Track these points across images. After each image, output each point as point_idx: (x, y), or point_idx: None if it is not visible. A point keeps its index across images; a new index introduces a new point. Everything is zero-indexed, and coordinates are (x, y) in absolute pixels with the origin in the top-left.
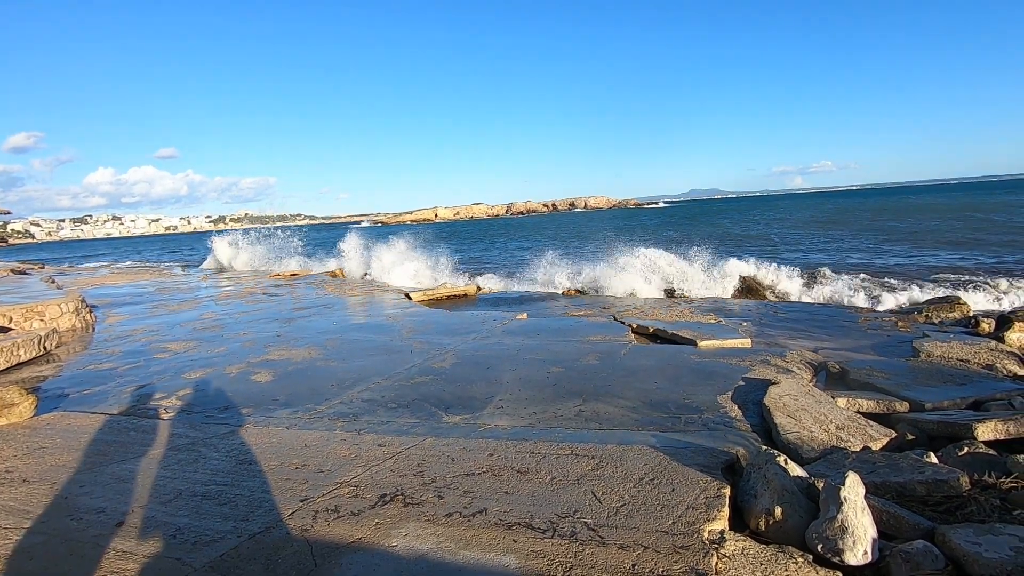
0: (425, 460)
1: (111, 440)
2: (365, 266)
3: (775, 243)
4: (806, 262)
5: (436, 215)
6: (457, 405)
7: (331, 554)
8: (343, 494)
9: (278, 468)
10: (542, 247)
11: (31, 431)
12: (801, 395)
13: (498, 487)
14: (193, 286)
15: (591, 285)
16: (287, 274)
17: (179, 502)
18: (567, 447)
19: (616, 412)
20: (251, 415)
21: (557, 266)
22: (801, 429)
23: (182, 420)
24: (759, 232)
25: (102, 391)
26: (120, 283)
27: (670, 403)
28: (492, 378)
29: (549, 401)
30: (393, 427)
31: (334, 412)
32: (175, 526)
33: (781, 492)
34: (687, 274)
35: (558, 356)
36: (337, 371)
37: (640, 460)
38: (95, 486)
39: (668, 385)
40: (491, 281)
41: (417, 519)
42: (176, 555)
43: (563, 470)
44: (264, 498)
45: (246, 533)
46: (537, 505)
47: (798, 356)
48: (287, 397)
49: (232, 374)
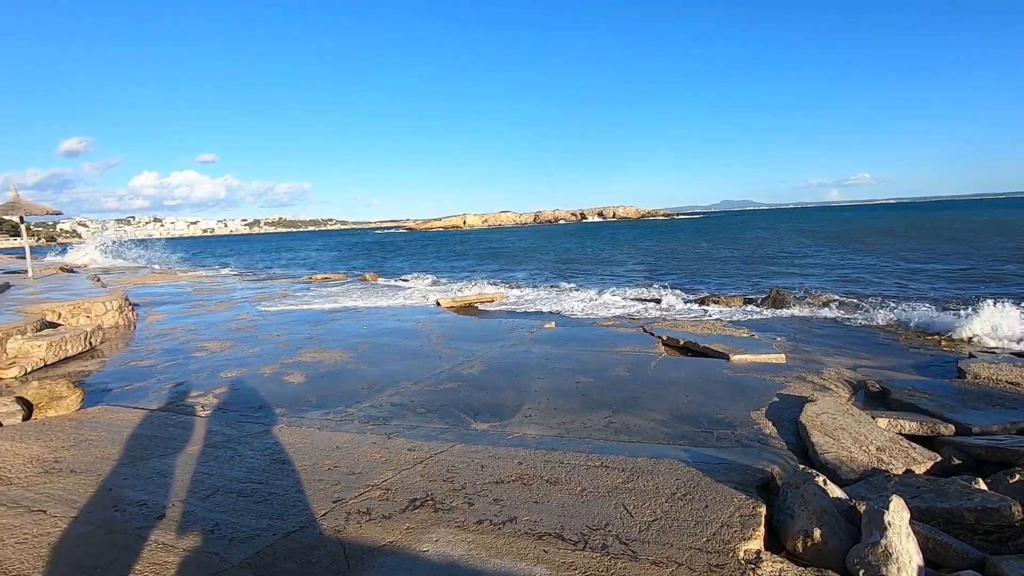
0: (455, 466)
1: (152, 435)
2: (394, 272)
3: (808, 256)
4: (842, 277)
5: (464, 222)
6: (486, 412)
7: (364, 556)
8: (374, 497)
9: (311, 468)
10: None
11: (77, 423)
12: (839, 414)
13: (528, 496)
14: (229, 287)
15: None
16: (319, 277)
17: (216, 498)
18: (597, 459)
19: (646, 425)
20: (284, 415)
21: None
22: (839, 449)
23: (218, 418)
24: (791, 247)
25: (143, 387)
26: (160, 283)
27: (702, 417)
28: (520, 386)
29: (578, 411)
30: (422, 432)
31: (364, 415)
32: (213, 521)
33: (820, 513)
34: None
35: (587, 366)
36: (367, 374)
37: (672, 474)
38: (137, 479)
39: (700, 399)
40: (519, 289)
41: (447, 525)
42: (214, 550)
43: (593, 482)
44: (298, 497)
45: (281, 531)
46: (567, 516)
47: (835, 373)
48: (319, 398)
49: (266, 374)
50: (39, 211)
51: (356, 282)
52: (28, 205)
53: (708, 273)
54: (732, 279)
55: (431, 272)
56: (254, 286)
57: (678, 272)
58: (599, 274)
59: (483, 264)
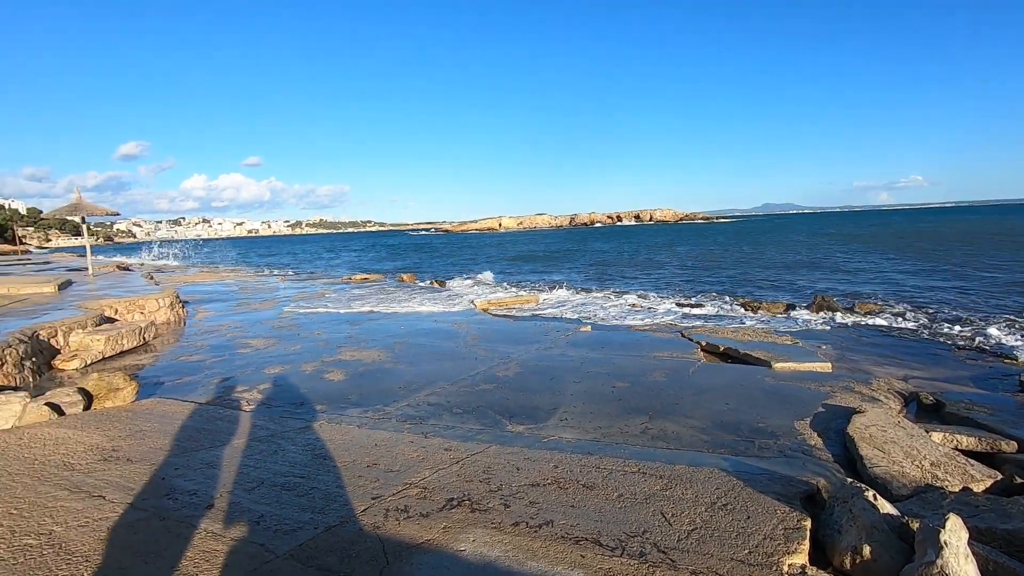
0: (491, 467)
1: (200, 427)
2: (431, 273)
3: (855, 262)
4: (892, 284)
5: (500, 225)
6: (521, 414)
7: (402, 553)
8: (412, 495)
9: (351, 465)
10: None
11: (133, 414)
12: (890, 427)
13: (564, 500)
14: (272, 286)
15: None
16: (358, 278)
17: (261, 491)
18: (634, 464)
19: (685, 431)
20: (324, 412)
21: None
22: (890, 463)
23: (262, 413)
24: (837, 252)
25: (192, 381)
26: (208, 281)
27: (742, 426)
28: (556, 389)
29: (614, 416)
30: (458, 432)
31: (402, 414)
32: (258, 513)
33: (870, 529)
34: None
35: (623, 371)
36: (404, 374)
37: (711, 483)
38: (187, 469)
39: (740, 407)
40: (554, 292)
41: (484, 526)
42: (260, 541)
43: (630, 488)
44: (338, 493)
45: (322, 525)
46: (604, 522)
47: (885, 384)
48: (358, 396)
49: (307, 371)
50: (99, 212)
51: (393, 283)
52: (89, 206)
53: (749, 278)
54: (774, 284)
55: (467, 274)
56: (296, 285)
57: (718, 277)
58: (636, 278)
59: (518, 267)
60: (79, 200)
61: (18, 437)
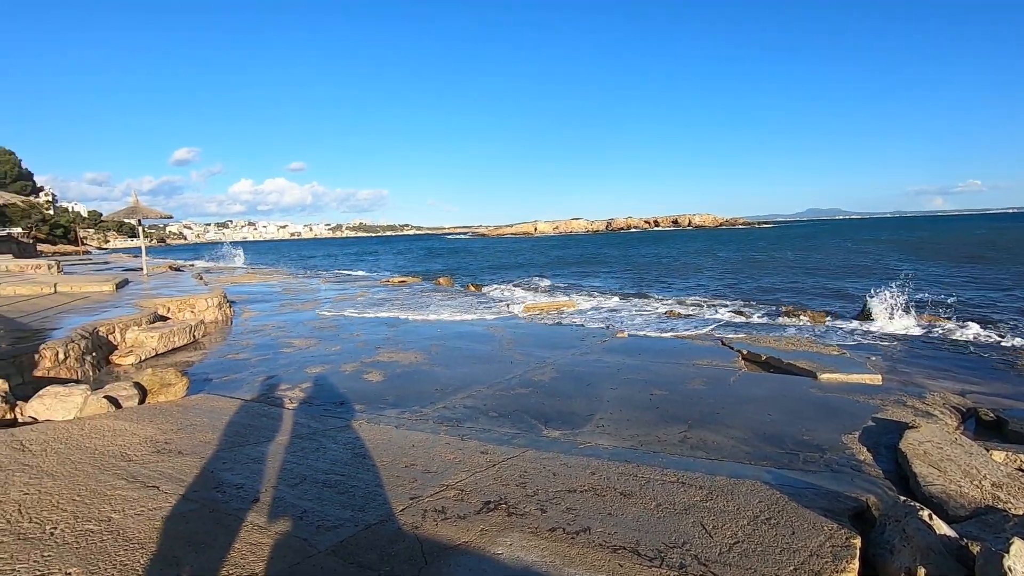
0: (527, 472)
1: (246, 423)
2: (468, 276)
3: (906, 270)
4: (947, 294)
5: (536, 229)
6: (557, 419)
7: (440, 554)
8: (449, 496)
9: (389, 465)
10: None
11: (183, 409)
12: (946, 443)
13: (601, 507)
14: (313, 288)
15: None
16: (396, 280)
17: (304, 487)
18: (672, 474)
19: (725, 442)
20: (363, 412)
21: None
22: (947, 482)
23: (304, 411)
24: (887, 260)
25: (238, 379)
26: (254, 282)
27: (786, 438)
28: (592, 395)
29: (652, 424)
30: (494, 436)
31: (438, 416)
32: (301, 508)
33: (925, 551)
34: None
35: (661, 378)
36: (441, 376)
37: (754, 496)
38: (235, 463)
39: (784, 418)
40: (590, 297)
41: (521, 530)
42: (303, 535)
43: (669, 497)
44: (377, 492)
45: (363, 523)
46: (643, 531)
47: (940, 399)
48: (395, 397)
49: (347, 372)
50: (154, 214)
51: (431, 286)
52: (145, 209)
53: (792, 285)
54: (819, 292)
55: (503, 278)
56: (336, 287)
57: (759, 283)
58: (674, 284)
59: (554, 271)
60: (136, 203)
61: (80, 427)
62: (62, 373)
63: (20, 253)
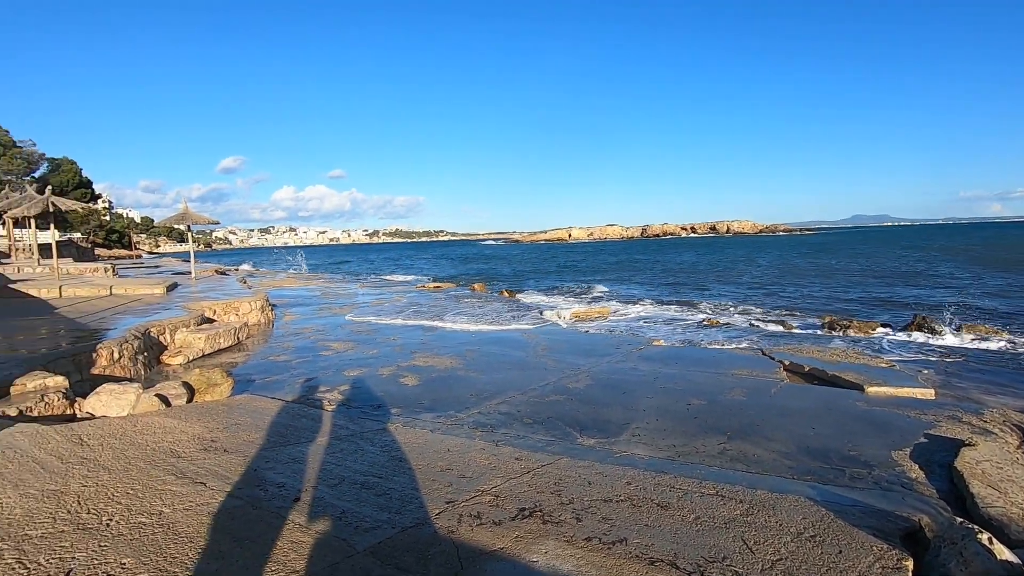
0: (562, 480)
1: (287, 424)
2: (501, 283)
3: (961, 279)
4: (1007, 305)
5: (570, 235)
6: (592, 428)
7: (475, 559)
8: (485, 502)
9: (425, 468)
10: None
11: (228, 408)
12: (1007, 463)
13: (638, 518)
14: (351, 292)
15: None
16: (431, 286)
17: (342, 488)
18: (711, 486)
19: (766, 455)
20: (400, 415)
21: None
22: (1008, 504)
23: (342, 413)
24: (940, 269)
25: (279, 380)
26: (294, 286)
27: (831, 452)
28: (627, 404)
29: (690, 434)
30: (529, 442)
31: (473, 421)
32: (340, 509)
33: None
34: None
35: (699, 387)
36: (475, 382)
37: (797, 512)
38: (276, 463)
39: (828, 432)
40: (626, 304)
41: (556, 538)
42: (342, 535)
43: (708, 510)
44: (414, 495)
45: (399, 525)
46: (680, 544)
47: (999, 415)
48: (431, 402)
49: (384, 375)
50: (202, 220)
51: (466, 291)
52: (194, 215)
53: (837, 294)
54: (866, 302)
55: (537, 284)
56: (373, 292)
57: (802, 292)
58: (712, 292)
59: (588, 278)
60: (186, 210)
61: (133, 424)
62: (116, 372)
63: (79, 257)
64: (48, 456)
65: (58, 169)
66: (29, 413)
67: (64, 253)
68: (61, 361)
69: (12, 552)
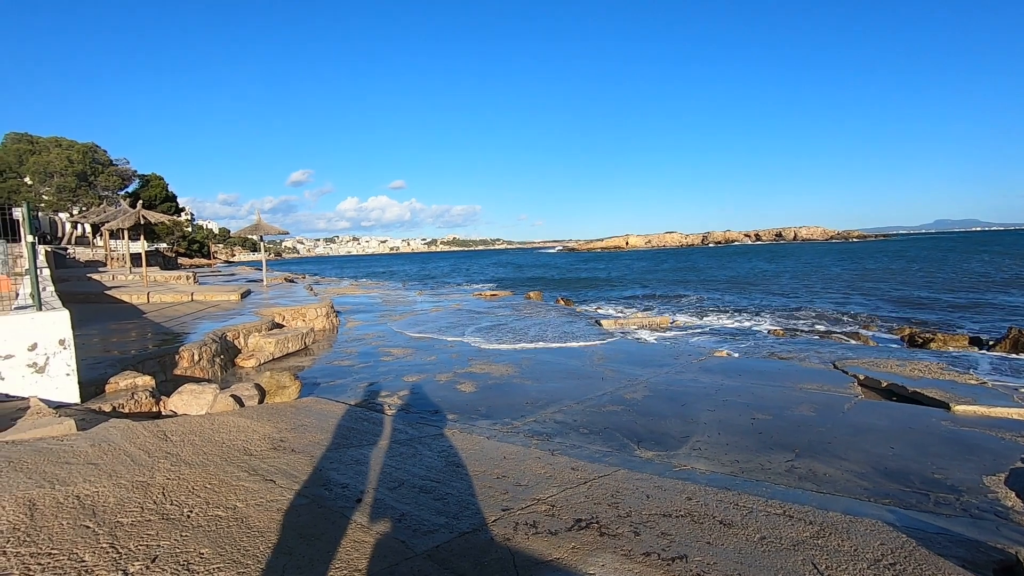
0: (619, 492)
1: (350, 427)
2: (557, 291)
3: None
4: None
5: (627, 243)
6: (649, 440)
7: (531, 567)
8: (540, 511)
9: (481, 475)
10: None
11: (296, 410)
12: None
13: (699, 535)
14: (411, 300)
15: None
16: (488, 294)
17: (402, 491)
18: (778, 505)
19: (839, 475)
20: (456, 421)
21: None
22: None
23: (401, 418)
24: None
25: (342, 384)
26: (357, 293)
27: (912, 475)
28: (687, 416)
29: (754, 450)
30: (585, 452)
31: (529, 429)
32: (400, 511)
33: None
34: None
35: (763, 401)
36: (531, 390)
37: (874, 537)
38: (340, 464)
39: (909, 453)
40: (686, 314)
41: (613, 551)
42: (401, 537)
43: (774, 530)
44: (470, 501)
45: (457, 530)
46: (745, 564)
47: None
48: (487, 408)
49: (441, 381)
50: (273, 231)
51: (521, 299)
52: (266, 226)
53: (919, 304)
54: (953, 313)
55: (593, 292)
56: (431, 300)
57: (879, 301)
58: (778, 301)
59: (647, 286)
60: (259, 221)
61: (210, 422)
62: (196, 373)
63: (165, 265)
64: (137, 450)
65: (147, 184)
66: (121, 409)
67: (152, 262)
68: (149, 362)
69: (106, 537)
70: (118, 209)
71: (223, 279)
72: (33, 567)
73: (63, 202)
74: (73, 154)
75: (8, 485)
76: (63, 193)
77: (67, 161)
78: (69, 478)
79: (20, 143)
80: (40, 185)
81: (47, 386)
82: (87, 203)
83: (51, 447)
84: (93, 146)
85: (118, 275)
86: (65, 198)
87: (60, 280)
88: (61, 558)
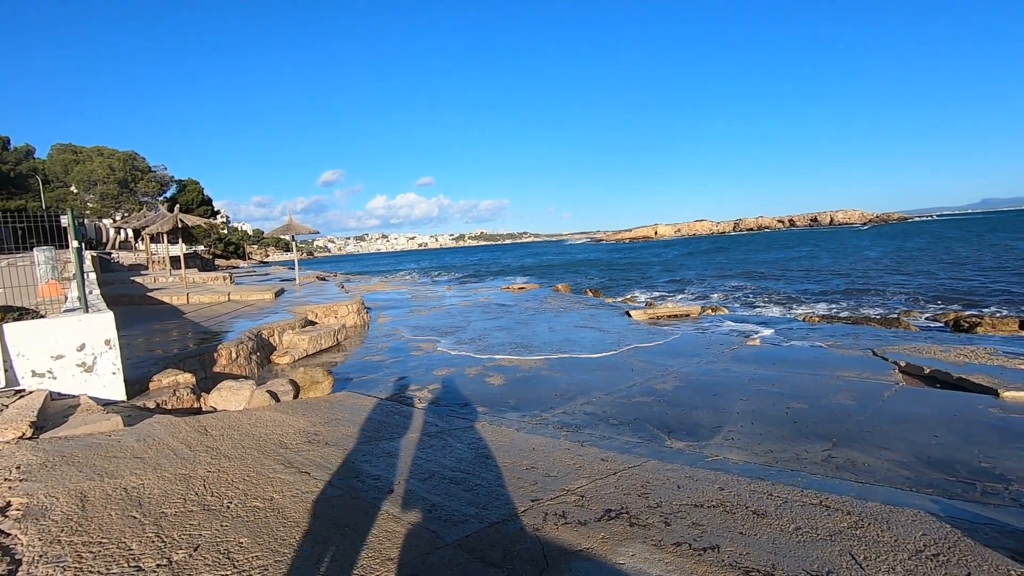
0: (649, 482)
1: (382, 420)
2: (585, 283)
3: None
4: None
5: (656, 233)
6: (680, 430)
7: (560, 557)
8: (570, 501)
9: (511, 466)
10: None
11: (329, 404)
12: None
13: (731, 525)
14: (439, 295)
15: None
16: (515, 288)
17: (432, 482)
18: (814, 495)
19: (878, 464)
20: (486, 414)
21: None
22: None
23: (432, 411)
24: None
25: (374, 379)
26: (386, 290)
27: (957, 464)
28: (719, 406)
29: (788, 440)
30: (615, 443)
31: (558, 420)
32: (430, 502)
33: None
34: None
35: (798, 390)
36: (560, 382)
37: (916, 527)
38: (372, 456)
39: (954, 441)
40: (716, 302)
41: (643, 541)
42: (432, 528)
43: (810, 521)
44: (500, 492)
45: (486, 520)
46: (779, 555)
47: None
48: (516, 401)
49: (470, 375)
50: (304, 231)
51: (549, 292)
52: (298, 226)
53: (964, 287)
54: (1001, 295)
55: (622, 283)
56: (459, 294)
57: (920, 285)
58: (813, 287)
59: (676, 276)
60: (291, 222)
61: (248, 417)
62: (233, 370)
63: (203, 267)
64: (179, 444)
65: (184, 189)
66: (164, 406)
67: (190, 264)
68: (189, 360)
69: (152, 527)
70: (157, 214)
71: (258, 279)
72: (85, 555)
73: (106, 208)
74: (114, 162)
75: (61, 478)
76: (106, 200)
77: (109, 169)
78: (117, 471)
79: (65, 153)
80: (84, 193)
81: (95, 384)
82: (129, 209)
83: (100, 442)
84: (132, 154)
85: (159, 277)
86: (108, 204)
87: (105, 284)
88: (110, 547)
